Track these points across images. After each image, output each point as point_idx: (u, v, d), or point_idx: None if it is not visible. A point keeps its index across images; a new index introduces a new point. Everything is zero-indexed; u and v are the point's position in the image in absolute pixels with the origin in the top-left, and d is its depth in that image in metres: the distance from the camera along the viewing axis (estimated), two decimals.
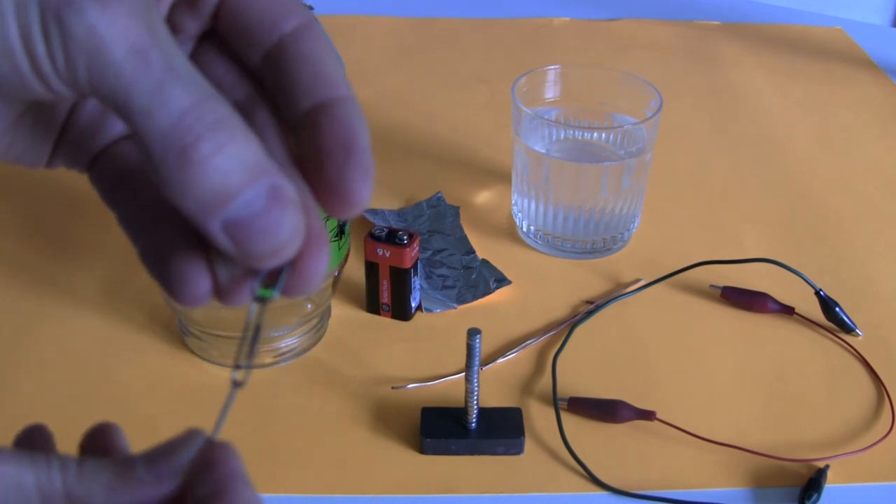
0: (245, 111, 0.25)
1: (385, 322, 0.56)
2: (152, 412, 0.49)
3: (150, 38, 0.20)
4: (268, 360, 0.52)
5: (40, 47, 0.19)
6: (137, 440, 0.48)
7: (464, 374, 0.47)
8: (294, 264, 0.22)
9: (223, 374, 0.52)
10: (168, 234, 0.23)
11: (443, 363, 0.53)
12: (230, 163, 0.20)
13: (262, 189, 0.21)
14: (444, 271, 0.59)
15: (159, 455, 0.24)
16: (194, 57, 0.25)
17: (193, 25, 0.25)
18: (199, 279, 0.22)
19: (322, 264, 0.23)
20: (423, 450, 0.47)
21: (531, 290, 0.59)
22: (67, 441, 0.47)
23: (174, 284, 0.23)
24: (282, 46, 0.24)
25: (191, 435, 0.24)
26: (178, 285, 0.22)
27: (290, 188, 0.22)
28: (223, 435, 0.25)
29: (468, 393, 0.46)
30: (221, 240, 0.21)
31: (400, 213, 0.65)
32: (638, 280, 0.60)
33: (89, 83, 0.20)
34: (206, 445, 0.24)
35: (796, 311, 0.57)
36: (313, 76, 0.23)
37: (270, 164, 0.21)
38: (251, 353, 0.23)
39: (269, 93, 0.25)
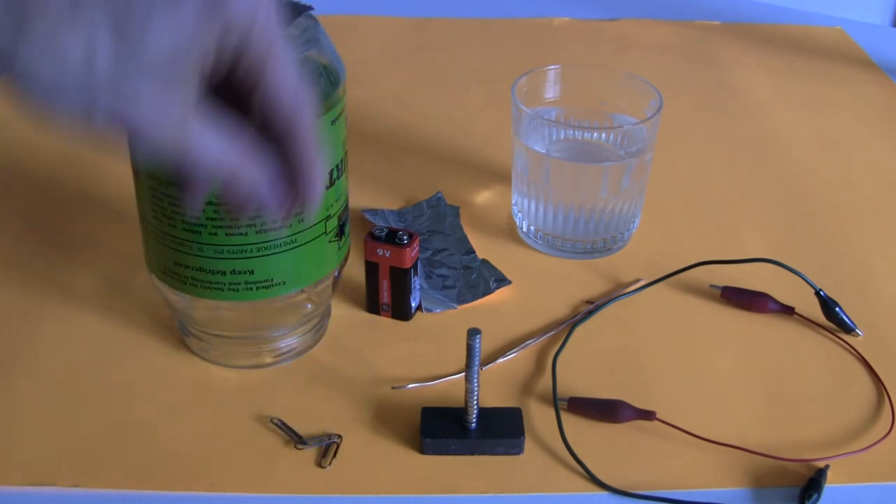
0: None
1: (385, 322, 0.56)
2: (152, 412, 0.49)
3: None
4: (268, 360, 0.52)
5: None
6: (137, 440, 0.48)
7: (464, 374, 0.47)
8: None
9: (223, 374, 0.52)
10: None
11: (443, 363, 0.53)
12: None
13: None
14: (444, 271, 0.59)
15: None
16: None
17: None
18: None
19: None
20: (423, 450, 0.47)
21: (531, 290, 0.59)
22: (67, 441, 0.47)
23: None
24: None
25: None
26: None
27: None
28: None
29: (468, 393, 0.46)
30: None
31: (400, 213, 0.65)
32: (638, 280, 0.60)
33: None
34: None
35: (796, 311, 0.57)
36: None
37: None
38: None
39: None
